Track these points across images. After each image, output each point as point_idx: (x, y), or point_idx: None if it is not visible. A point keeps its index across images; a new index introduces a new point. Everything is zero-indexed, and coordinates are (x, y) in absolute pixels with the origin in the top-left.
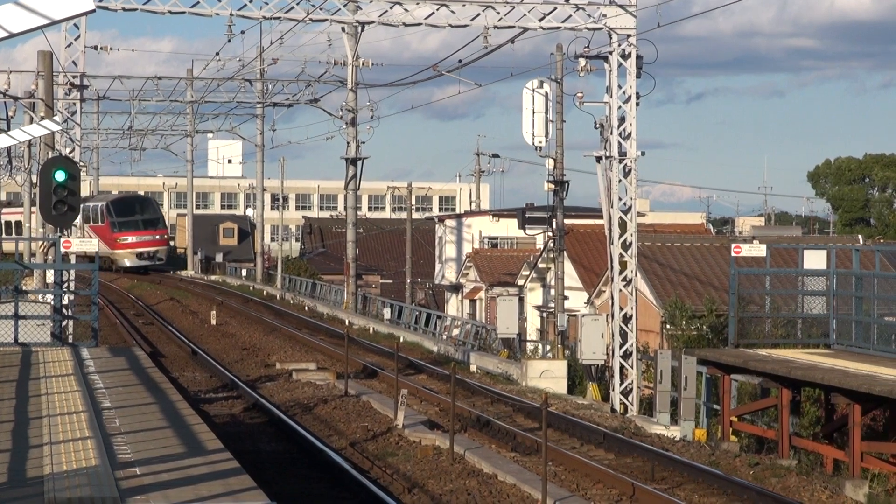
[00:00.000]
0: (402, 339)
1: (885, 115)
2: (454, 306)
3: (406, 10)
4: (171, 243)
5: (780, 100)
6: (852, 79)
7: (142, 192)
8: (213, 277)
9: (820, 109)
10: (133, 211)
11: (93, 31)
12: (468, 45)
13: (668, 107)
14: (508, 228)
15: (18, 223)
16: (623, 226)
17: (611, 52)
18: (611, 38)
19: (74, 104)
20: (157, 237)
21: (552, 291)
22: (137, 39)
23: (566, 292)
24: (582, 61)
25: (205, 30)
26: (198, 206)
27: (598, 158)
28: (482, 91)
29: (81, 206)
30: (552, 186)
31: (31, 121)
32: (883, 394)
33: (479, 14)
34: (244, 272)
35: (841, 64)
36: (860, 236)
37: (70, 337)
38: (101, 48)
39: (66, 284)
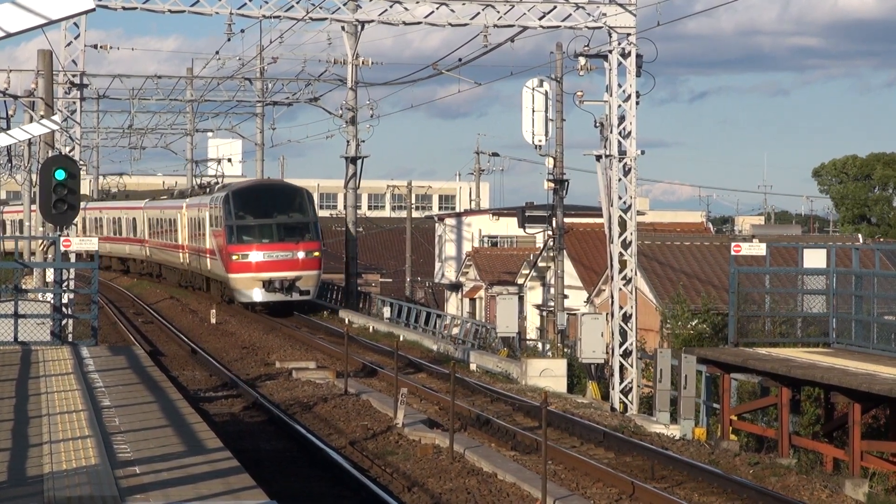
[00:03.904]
0: (401, 338)
1: (889, 114)
2: (454, 305)
3: (406, 8)
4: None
5: (783, 98)
6: (857, 77)
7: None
8: None
9: (824, 108)
10: (263, 209)
11: (98, 29)
12: (468, 44)
13: (670, 105)
14: (508, 227)
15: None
16: (623, 224)
17: (610, 51)
18: (610, 36)
19: (74, 103)
20: (302, 255)
21: (552, 290)
22: (143, 38)
23: (566, 291)
24: (582, 60)
25: (209, 28)
26: None
27: (598, 157)
28: (484, 90)
29: (210, 197)
30: (552, 185)
31: (31, 119)
32: (883, 392)
33: (478, 13)
34: None
35: (845, 62)
36: (860, 235)
37: (70, 336)
38: (101, 47)
39: (65, 283)
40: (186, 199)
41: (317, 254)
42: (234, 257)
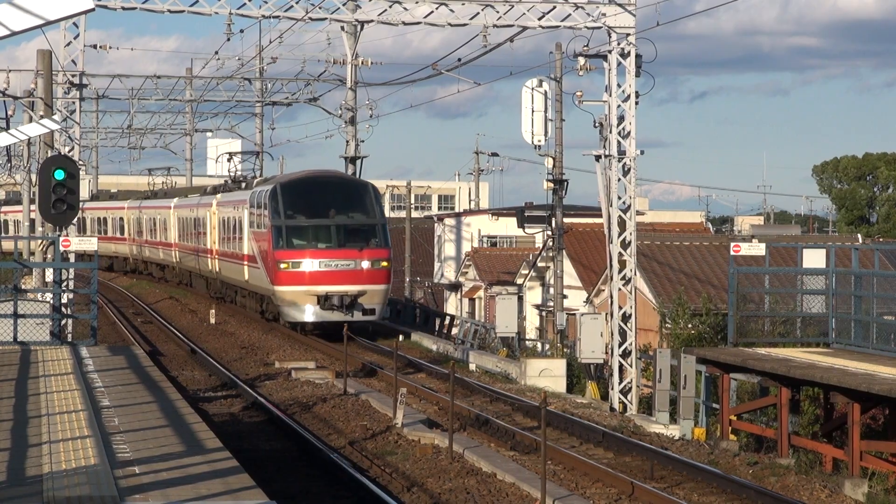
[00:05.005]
0: (400, 338)
1: (888, 114)
2: (453, 305)
3: (405, 8)
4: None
5: (783, 98)
6: (856, 77)
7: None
8: None
9: (823, 108)
10: (319, 206)
11: (99, 29)
12: (468, 44)
13: (670, 105)
14: (508, 227)
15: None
16: (622, 224)
17: (610, 51)
18: (610, 36)
19: (74, 103)
20: (367, 264)
21: (551, 290)
22: (143, 38)
23: (565, 291)
24: (581, 60)
25: (209, 28)
26: None
27: (598, 157)
28: (484, 90)
29: (250, 193)
30: (551, 185)
31: (31, 119)
32: (882, 392)
33: (478, 13)
34: None
35: (845, 62)
36: (859, 235)
37: (69, 336)
38: (101, 47)
39: (65, 283)
40: (217, 196)
41: (385, 264)
42: (283, 266)
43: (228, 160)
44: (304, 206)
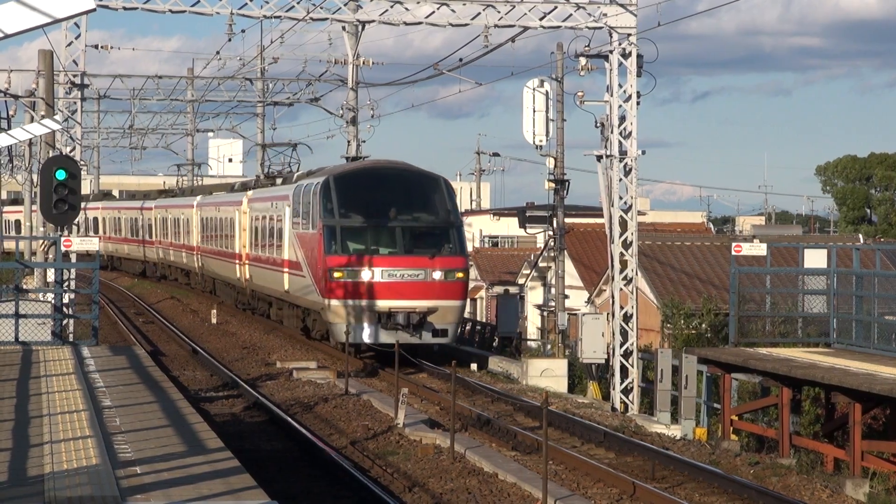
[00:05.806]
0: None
1: (890, 114)
2: None
3: (406, 9)
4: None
5: (785, 98)
6: (858, 77)
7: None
8: None
9: (825, 108)
10: (380, 204)
11: (100, 29)
12: (469, 44)
13: (672, 105)
14: (509, 227)
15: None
16: (624, 224)
17: (611, 51)
18: (611, 36)
19: (75, 103)
20: (440, 275)
21: (553, 290)
22: (145, 38)
23: (567, 291)
24: (582, 60)
25: (212, 28)
26: None
27: (599, 157)
28: (486, 90)
29: (293, 187)
30: (553, 185)
31: (32, 120)
32: (883, 393)
33: (479, 13)
34: None
35: (846, 63)
36: (860, 235)
37: (70, 336)
38: (102, 47)
39: (66, 283)
40: (248, 193)
41: (461, 275)
42: (336, 275)
43: (263, 150)
44: (363, 203)
